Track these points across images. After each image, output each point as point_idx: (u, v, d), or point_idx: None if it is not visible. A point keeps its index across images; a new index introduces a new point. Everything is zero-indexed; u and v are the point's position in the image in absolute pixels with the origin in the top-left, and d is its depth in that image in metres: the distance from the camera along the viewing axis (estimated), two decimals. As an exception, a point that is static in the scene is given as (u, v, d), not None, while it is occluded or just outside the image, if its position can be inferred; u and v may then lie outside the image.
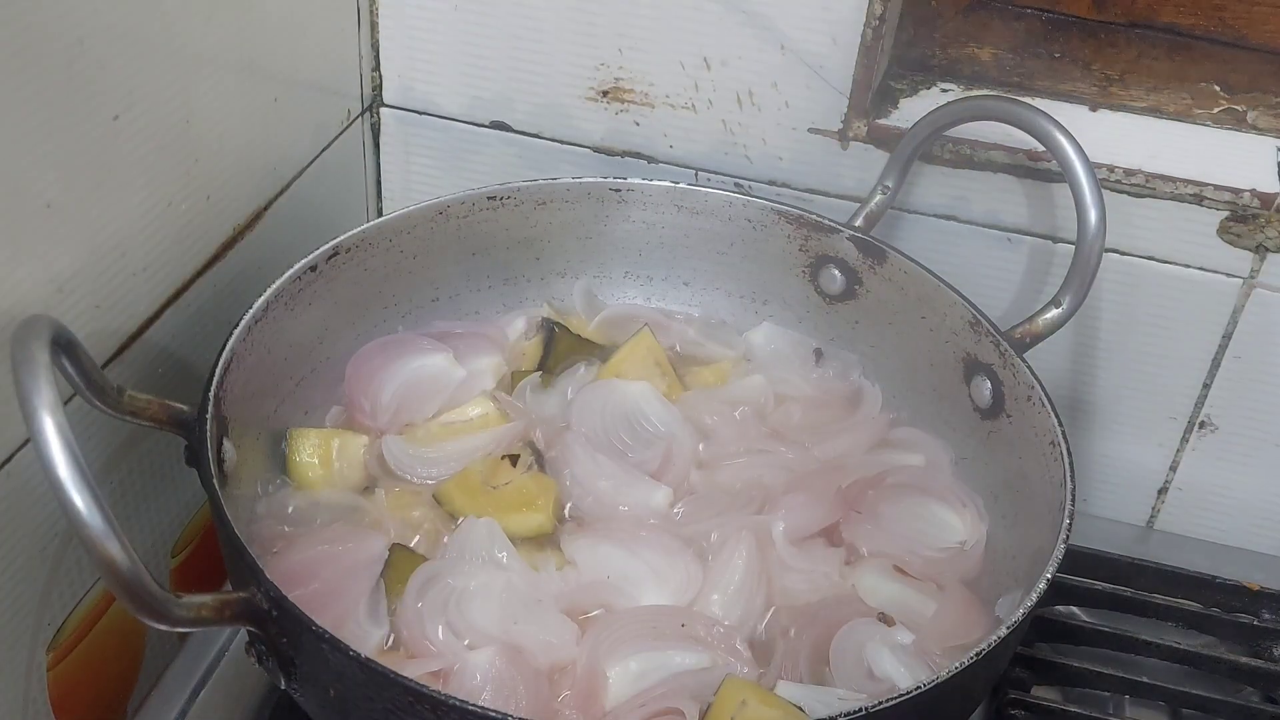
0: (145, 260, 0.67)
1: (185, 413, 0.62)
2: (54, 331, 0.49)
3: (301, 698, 0.59)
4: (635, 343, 0.82)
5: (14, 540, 0.61)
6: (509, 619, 0.64)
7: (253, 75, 0.74)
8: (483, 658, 0.62)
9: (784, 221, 0.83)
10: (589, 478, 0.74)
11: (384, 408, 0.77)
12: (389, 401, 0.77)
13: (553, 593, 0.67)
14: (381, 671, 0.51)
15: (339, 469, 0.73)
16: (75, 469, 0.44)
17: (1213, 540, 0.93)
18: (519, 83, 0.88)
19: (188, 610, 0.49)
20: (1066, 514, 0.63)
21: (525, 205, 0.83)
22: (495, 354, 0.82)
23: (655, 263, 0.88)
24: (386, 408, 0.77)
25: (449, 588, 0.65)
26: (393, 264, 0.79)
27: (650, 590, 0.68)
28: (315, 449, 0.73)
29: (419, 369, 0.79)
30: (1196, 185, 0.79)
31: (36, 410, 0.44)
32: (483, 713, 0.49)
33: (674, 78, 0.85)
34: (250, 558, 0.54)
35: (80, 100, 0.59)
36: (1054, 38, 0.85)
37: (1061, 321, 0.75)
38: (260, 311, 0.70)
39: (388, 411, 0.77)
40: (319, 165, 0.85)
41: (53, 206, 0.58)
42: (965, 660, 0.55)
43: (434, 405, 0.78)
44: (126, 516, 0.71)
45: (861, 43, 0.79)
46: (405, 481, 0.74)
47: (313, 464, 0.73)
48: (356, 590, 0.65)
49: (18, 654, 0.64)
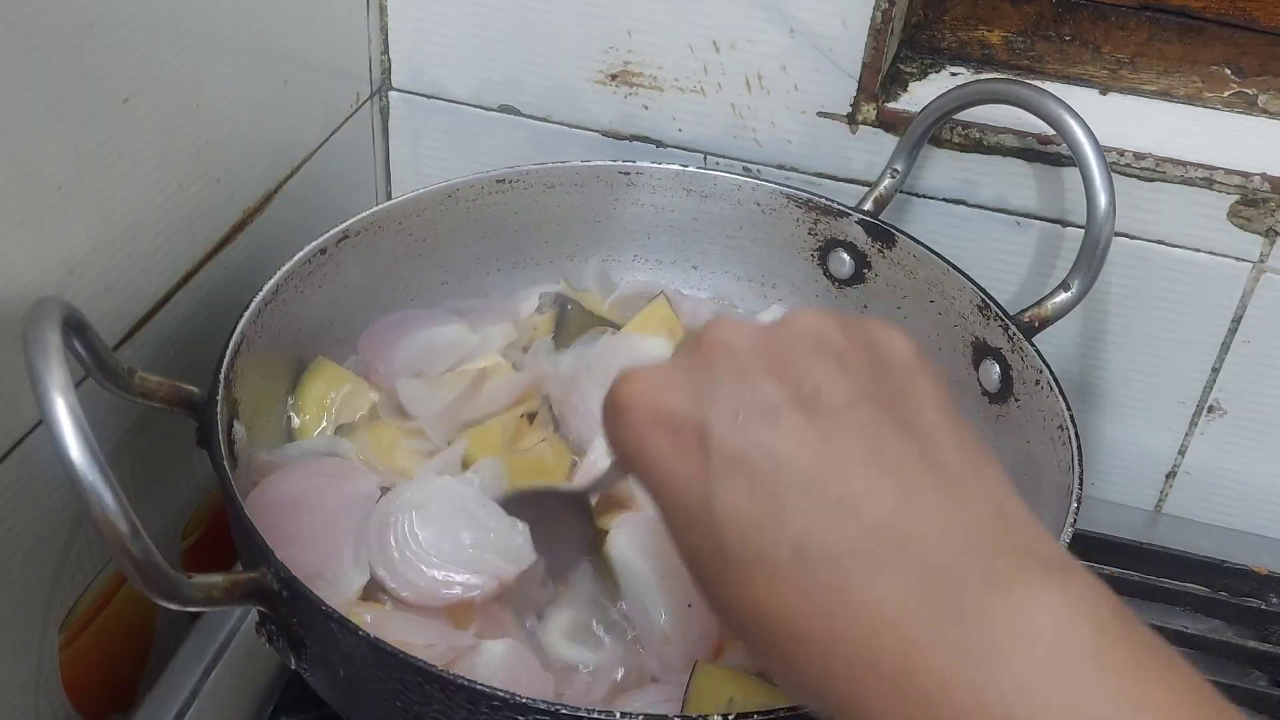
0: (156, 243, 0.67)
1: (196, 394, 0.63)
2: (66, 313, 0.49)
3: (312, 678, 0.59)
4: (651, 310, 0.82)
5: (26, 521, 0.61)
6: (460, 530, 0.64)
7: (263, 58, 0.74)
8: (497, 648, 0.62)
9: (793, 205, 0.83)
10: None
11: (397, 370, 0.78)
12: (402, 364, 0.78)
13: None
14: (391, 652, 0.51)
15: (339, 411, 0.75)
16: (87, 450, 0.44)
17: (1221, 525, 0.93)
18: (528, 66, 0.88)
19: (198, 590, 0.50)
20: (1074, 498, 0.63)
21: (534, 188, 0.83)
22: (508, 324, 0.82)
23: (664, 246, 0.88)
24: (401, 369, 0.78)
25: (399, 502, 0.65)
26: (402, 247, 0.80)
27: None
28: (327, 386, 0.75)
29: (433, 336, 0.80)
30: (1207, 169, 0.78)
31: (49, 391, 0.45)
32: (490, 692, 0.49)
33: (683, 61, 0.85)
34: (260, 539, 0.55)
35: (90, 83, 0.59)
36: (1064, 20, 0.85)
37: (1070, 305, 0.75)
38: (270, 294, 0.70)
39: (403, 371, 0.78)
40: (328, 148, 0.85)
41: (63, 189, 0.59)
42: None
43: (446, 364, 0.79)
44: (138, 498, 0.71)
45: (871, 26, 0.79)
46: (416, 421, 0.74)
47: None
48: (342, 531, 0.65)
49: (30, 634, 0.64)
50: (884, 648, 0.34)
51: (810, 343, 0.41)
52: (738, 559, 0.37)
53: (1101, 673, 0.33)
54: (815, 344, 0.40)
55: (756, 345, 0.41)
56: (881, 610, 0.35)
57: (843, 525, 0.36)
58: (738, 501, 0.38)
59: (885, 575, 0.35)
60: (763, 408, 0.39)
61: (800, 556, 0.36)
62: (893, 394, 0.39)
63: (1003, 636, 0.33)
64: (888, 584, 0.35)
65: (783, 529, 0.37)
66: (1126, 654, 0.33)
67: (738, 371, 0.40)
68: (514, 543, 0.65)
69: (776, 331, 0.41)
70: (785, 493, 0.37)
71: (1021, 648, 0.33)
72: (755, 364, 0.40)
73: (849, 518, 0.36)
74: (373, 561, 0.64)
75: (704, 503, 0.38)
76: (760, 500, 0.37)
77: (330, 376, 0.76)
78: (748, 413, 0.39)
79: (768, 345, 0.41)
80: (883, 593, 0.35)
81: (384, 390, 0.77)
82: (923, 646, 0.34)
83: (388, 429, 0.74)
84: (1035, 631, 0.33)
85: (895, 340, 0.42)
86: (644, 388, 0.41)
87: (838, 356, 0.40)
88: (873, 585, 0.35)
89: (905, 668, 0.34)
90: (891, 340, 0.42)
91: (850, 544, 0.36)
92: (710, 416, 0.39)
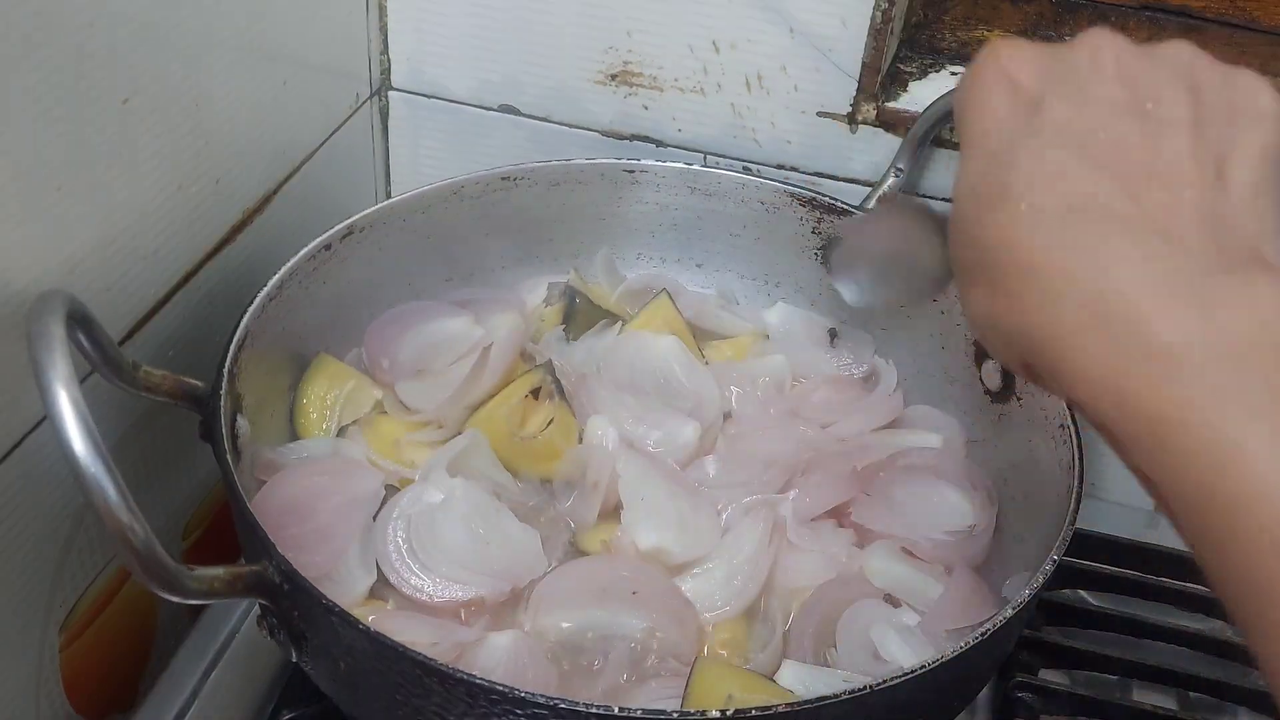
0: (156, 243, 0.67)
1: (200, 389, 0.63)
2: (70, 306, 0.49)
3: (313, 671, 0.59)
4: (654, 307, 0.82)
5: (27, 520, 0.61)
6: (474, 534, 0.65)
7: (262, 58, 0.74)
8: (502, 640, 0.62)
9: (796, 204, 0.83)
10: (615, 415, 0.74)
11: (402, 364, 0.78)
12: (407, 359, 0.78)
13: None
14: (391, 645, 0.51)
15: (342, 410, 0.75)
16: (91, 444, 0.44)
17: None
18: (528, 66, 0.88)
19: (199, 582, 0.50)
20: (1075, 497, 0.63)
21: (539, 186, 0.83)
22: (513, 314, 0.82)
23: (668, 244, 0.88)
24: (405, 364, 0.78)
25: (414, 504, 0.66)
26: (406, 243, 0.80)
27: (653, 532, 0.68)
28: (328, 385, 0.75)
29: (438, 329, 0.80)
30: (1206, 168, 0.78)
31: (52, 384, 0.45)
32: (490, 686, 0.49)
33: (683, 61, 0.85)
34: (263, 532, 0.55)
35: (90, 84, 0.59)
36: (1064, 20, 0.85)
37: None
38: (275, 289, 0.70)
39: (406, 366, 0.78)
40: (328, 149, 0.85)
41: (63, 189, 0.59)
42: (969, 641, 0.55)
43: (452, 357, 0.79)
44: (141, 492, 0.70)
45: (871, 25, 0.79)
46: (416, 414, 0.75)
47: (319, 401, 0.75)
48: (348, 531, 0.65)
49: (30, 633, 0.64)
50: (1112, 294, 0.39)
51: (1174, 70, 0.44)
52: (1017, 199, 0.42)
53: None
54: (1178, 72, 0.44)
55: (1122, 55, 0.44)
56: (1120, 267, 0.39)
57: (1114, 204, 0.41)
58: (1041, 155, 0.42)
59: (1136, 246, 0.40)
60: (1105, 103, 0.43)
61: (1070, 210, 0.41)
62: (1223, 146, 0.43)
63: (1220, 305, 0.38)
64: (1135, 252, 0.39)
65: (1063, 186, 0.41)
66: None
67: (1096, 68, 0.44)
68: (528, 550, 0.65)
69: (1150, 51, 0.45)
70: (1080, 162, 0.42)
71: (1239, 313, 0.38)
72: (1113, 74, 0.44)
73: (1127, 202, 0.40)
74: (382, 563, 0.64)
75: (1010, 148, 0.43)
76: (1059, 159, 0.42)
77: (333, 374, 0.76)
78: (1090, 105, 0.43)
79: (1134, 60, 0.44)
80: (1128, 254, 0.40)
81: (387, 386, 0.77)
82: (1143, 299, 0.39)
83: (391, 424, 0.74)
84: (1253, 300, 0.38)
85: (1260, 95, 0.44)
86: (1011, 54, 0.45)
87: (1192, 89, 0.43)
88: (1121, 247, 0.40)
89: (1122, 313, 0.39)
90: (1256, 94, 0.44)
91: (1116, 215, 0.40)
92: (1052, 90, 0.44)
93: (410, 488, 0.68)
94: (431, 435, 0.74)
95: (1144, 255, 0.39)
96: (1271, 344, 0.37)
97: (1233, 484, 0.36)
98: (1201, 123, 0.42)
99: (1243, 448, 0.36)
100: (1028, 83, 0.44)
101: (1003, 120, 0.44)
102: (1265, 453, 0.36)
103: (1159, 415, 0.38)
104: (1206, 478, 0.37)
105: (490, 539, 0.65)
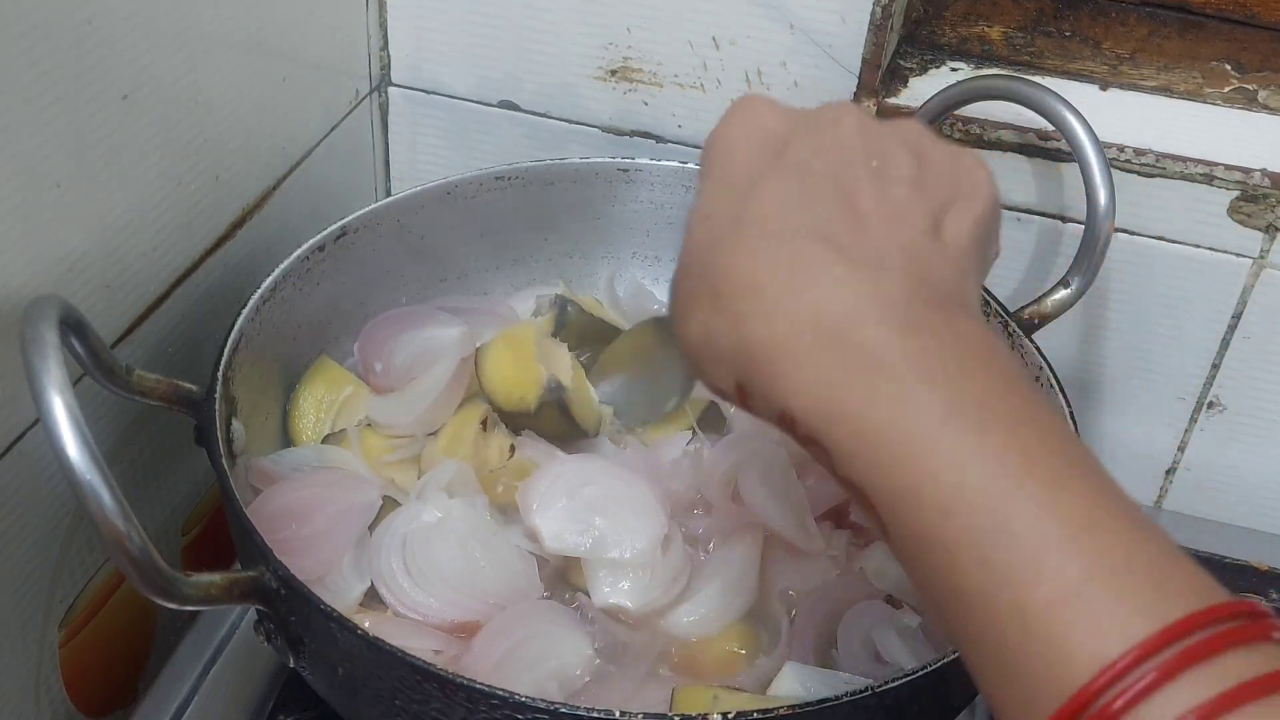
0: (155, 240, 0.67)
1: (194, 392, 0.63)
2: (63, 311, 0.49)
3: (310, 676, 0.59)
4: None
5: (25, 519, 0.61)
6: (470, 557, 0.65)
7: (262, 55, 0.74)
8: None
9: (793, 201, 0.83)
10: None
11: (396, 370, 0.77)
12: (401, 365, 0.78)
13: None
14: (389, 650, 0.51)
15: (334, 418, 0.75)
16: (85, 449, 0.44)
17: (1221, 520, 0.93)
18: (527, 62, 0.88)
19: (196, 589, 0.50)
20: (1074, 495, 0.63)
21: (533, 185, 0.83)
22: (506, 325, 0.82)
23: (663, 243, 0.87)
24: (399, 370, 0.77)
25: (411, 523, 0.66)
26: (401, 244, 0.79)
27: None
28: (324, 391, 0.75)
29: (430, 336, 0.79)
30: (1207, 165, 0.78)
31: (46, 390, 0.45)
32: (489, 690, 0.49)
33: (682, 57, 0.85)
34: (259, 537, 0.55)
35: (89, 80, 0.59)
36: (1064, 16, 0.85)
37: (1070, 302, 0.75)
38: (268, 291, 0.70)
39: (400, 372, 0.77)
40: (327, 145, 0.85)
41: (62, 186, 0.58)
42: (971, 640, 0.55)
43: (444, 364, 0.77)
44: (136, 496, 0.71)
45: (870, 21, 0.79)
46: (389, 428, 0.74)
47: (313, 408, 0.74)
48: (343, 539, 0.65)
49: (30, 632, 0.64)
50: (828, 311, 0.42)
51: (905, 140, 0.47)
52: (749, 224, 0.45)
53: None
54: (908, 142, 0.47)
55: (864, 122, 0.48)
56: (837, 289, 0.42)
57: (837, 234, 0.44)
58: (778, 187, 0.45)
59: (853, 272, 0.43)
60: (842, 152, 0.46)
61: (796, 234, 0.44)
62: (939, 207, 0.46)
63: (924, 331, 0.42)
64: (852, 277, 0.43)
65: (793, 214, 0.44)
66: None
67: (838, 127, 0.47)
68: (522, 573, 0.65)
69: (888, 123, 0.49)
70: (813, 195, 0.45)
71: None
72: (853, 132, 0.47)
73: (849, 235, 0.44)
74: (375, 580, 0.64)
75: (750, 182, 0.46)
76: (793, 191, 0.45)
77: (332, 378, 0.76)
78: (828, 152, 0.46)
79: (873, 126, 0.48)
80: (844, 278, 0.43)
81: (380, 390, 0.77)
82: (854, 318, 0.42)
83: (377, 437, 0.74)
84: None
85: (978, 172, 0.48)
86: (765, 108, 0.48)
87: (921, 159, 0.47)
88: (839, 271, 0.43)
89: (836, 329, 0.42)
90: (975, 170, 0.48)
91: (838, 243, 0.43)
92: (798, 137, 0.47)
93: (407, 505, 0.68)
94: (401, 455, 0.73)
95: (859, 280, 0.42)
96: (979, 364, 0.41)
97: (929, 493, 0.39)
98: (924, 184, 0.46)
99: (938, 457, 0.39)
100: (777, 128, 0.47)
101: (749, 157, 0.47)
102: (958, 463, 0.39)
103: (864, 426, 0.41)
104: (908, 483, 0.40)
105: (485, 562, 0.65)
